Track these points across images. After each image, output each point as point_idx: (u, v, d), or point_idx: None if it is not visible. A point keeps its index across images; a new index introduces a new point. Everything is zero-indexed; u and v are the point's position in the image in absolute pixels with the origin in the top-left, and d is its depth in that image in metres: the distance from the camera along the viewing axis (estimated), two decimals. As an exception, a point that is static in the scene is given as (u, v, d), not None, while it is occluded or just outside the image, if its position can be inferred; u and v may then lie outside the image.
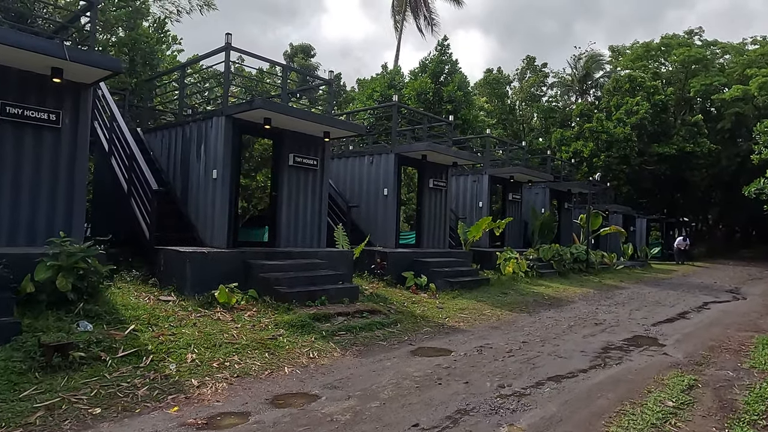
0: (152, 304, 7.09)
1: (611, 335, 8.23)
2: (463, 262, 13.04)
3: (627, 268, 21.22)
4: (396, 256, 11.70)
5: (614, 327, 8.95)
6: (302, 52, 36.80)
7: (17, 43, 6.01)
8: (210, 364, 5.46)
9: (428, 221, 13.67)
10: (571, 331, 8.43)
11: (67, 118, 7.20)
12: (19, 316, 5.50)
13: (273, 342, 6.36)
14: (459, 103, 20.75)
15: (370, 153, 13.30)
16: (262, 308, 7.64)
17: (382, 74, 23.03)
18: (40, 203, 6.97)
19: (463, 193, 16.87)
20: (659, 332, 8.63)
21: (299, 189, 10.33)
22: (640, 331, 8.65)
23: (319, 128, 9.99)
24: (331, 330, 7.15)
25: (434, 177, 13.74)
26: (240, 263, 8.46)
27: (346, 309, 8.03)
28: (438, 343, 7.30)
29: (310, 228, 10.54)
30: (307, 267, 9.05)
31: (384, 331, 7.65)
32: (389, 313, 8.58)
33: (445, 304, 10.09)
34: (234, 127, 9.17)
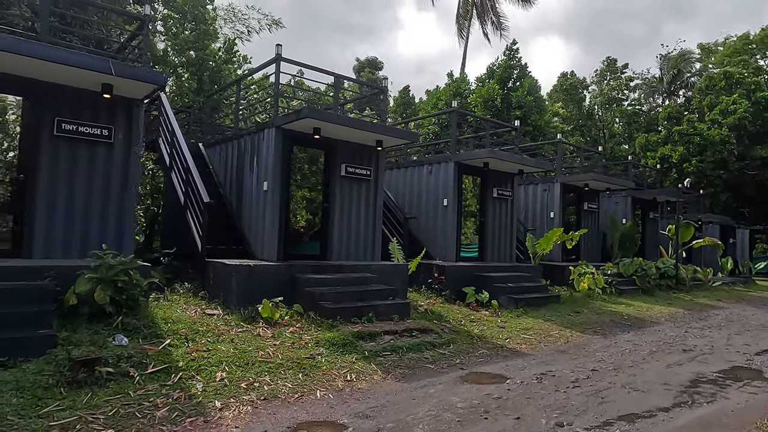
0: (196, 318, 6.99)
1: (702, 365, 7.05)
2: (531, 277, 12.07)
3: (725, 284, 18.90)
4: (455, 270, 11.02)
5: (707, 355, 7.70)
6: (370, 65, 37.14)
7: (68, 61, 6.17)
8: (238, 384, 5.15)
9: (492, 233, 12.86)
10: (653, 359, 7.33)
11: (120, 133, 7.36)
12: (60, 328, 5.53)
13: (310, 362, 5.97)
14: (529, 108, 19.68)
15: (429, 162, 12.76)
16: (306, 324, 7.31)
17: (447, 83, 22.47)
18: (92, 216, 7.13)
19: (533, 203, 15.81)
20: (765, 363, 7.29)
21: (352, 200, 10.01)
22: (740, 362, 7.35)
23: (371, 137, 9.64)
24: (375, 350, 6.65)
25: (498, 186, 12.93)
26: (287, 277, 8.22)
27: (394, 327, 7.51)
28: (493, 368, 6.56)
29: (364, 240, 10.17)
30: (356, 281, 8.65)
31: (434, 352, 7.03)
32: (442, 332, 7.94)
33: (507, 323, 9.27)
34: (284, 138, 9.03)
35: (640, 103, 38.51)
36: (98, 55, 7.08)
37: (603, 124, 37.47)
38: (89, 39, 11.37)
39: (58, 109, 6.87)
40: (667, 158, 29.85)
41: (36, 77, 6.66)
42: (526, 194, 15.99)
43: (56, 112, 6.85)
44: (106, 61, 6.35)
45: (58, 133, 6.85)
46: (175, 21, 15.85)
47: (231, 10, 20.38)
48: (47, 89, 6.79)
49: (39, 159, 6.76)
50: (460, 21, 29.26)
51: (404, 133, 10.04)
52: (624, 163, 20.80)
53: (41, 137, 6.78)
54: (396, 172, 13.69)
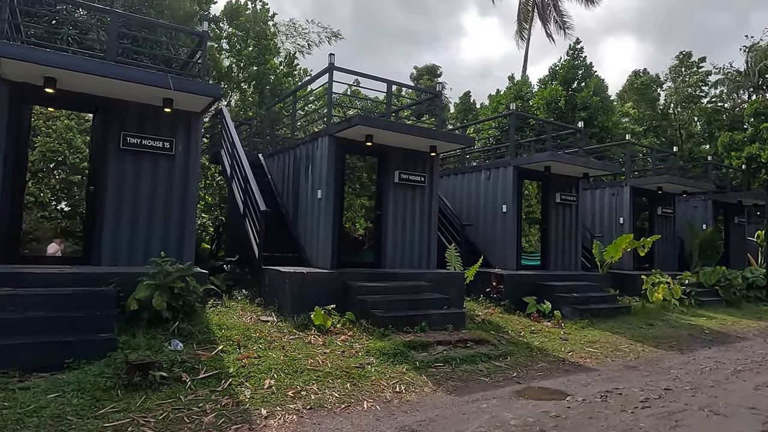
0: (250, 324, 7.09)
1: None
2: (598, 287, 11.35)
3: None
4: (515, 279, 10.56)
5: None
6: (428, 73, 36.98)
7: (131, 78, 6.52)
8: (286, 392, 5.13)
9: (555, 240, 12.25)
10: (738, 378, 6.59)
11: (180, 145, 7.67)
12: (120, 332, 5.77)
13: (359, 371, 5.86)
14: (595, 109, 18.73)
15: (487, 168, 12.39)
16: (357, 333, 7.23)
17: (508, 87, 21.89)
18: (155, 225, 7.45)
19: (600, 208, 14.94)
20: None
21: (406, 207, 9.88)
22: None
23: (424, 142, 9.48)
24: (427, 361, 6.44)
25: (561, 191, 12.33)
26: (340, 284, 8.20)
27: (448, 337, 7.26)
28: (552, 383, 6.15)
29: (418, 248, 9.99)
30: (410, 290, 8.48)
31: (489, 364, 6.71)
32: (499, 343, 7.59)
33: (571, 336, 8.73)
34: (337, 146, 9.07)
35: (722, 100, 35.69)
36: (162, 72, 7.40)
37: (679, 123, 35.04)
38: (158, 58, 12.06)
39: (123, 124, 7.27)
40: (755, 158, 27.39)
41: (104, 95, 7.09)
42: (592, 199, 15.15)
43: (122, 127, 7.25)
44: (165, 77, 6.63)
45: (124, 146, 7.24)
46: (238, 38, 16.52)
47: (292, 26, 21.07)
48: (114, 105, 7.21)
49: (107, 171, 7.17)
50: (520, 22, 28.50)
51: (459, 138, 9.80)
52: (703, 164, 19.27)
53: (109, 151, 7.19)
54: (453, 179, 13.41)
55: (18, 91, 6.61)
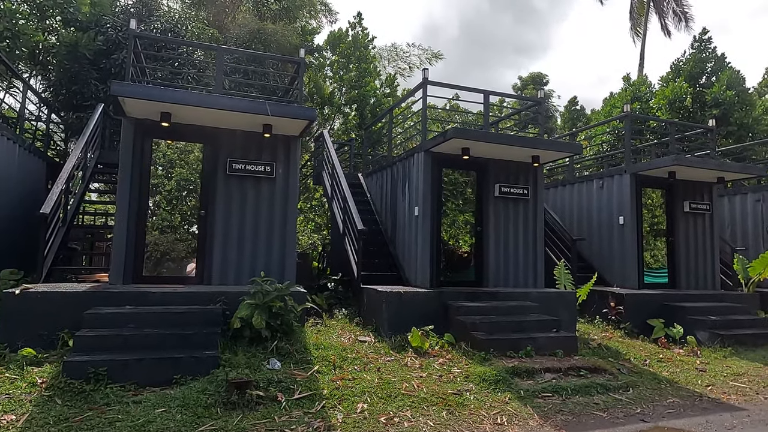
0: (347, 344, 7.04)
1: None
2: (742, 309, 9.73)
3: None
4: (637, 299, 9.43)
5: None
6: (533, 82, 35.52)
7: (231, 107, 6.91)
8: (378, 417, 4.92)
9: (685, 254, 10.82)
10: None
11: (280, 168, 7.97)
12: (224, 350, 5.99)
13: (457, 398, 5.49)
14: (730, 105, 16.51)
15: (599, 176, 11.37)
16: (456, 356, 6.84)
17: (623, 88, 20.17)
18: (259, 246, 7.77)
19: (742, 217, 12.96)
20: None
21: (508, 222, 9.34)
22: None
23: (525, 152, 8.92)
24: (533, 390, 5.87)
25: (691, 199, 10.90)
26: (438, 304, 7.88)
27: (557, 364, 6.59)
28: (687, 423, 5.26)
29: (523, 266, 9.36)
30: (513, 310, 7.90)
31: (606, 397, 5.94)
32: (619, 373, 6.73)
33: (709, 366, 7.53)
34: (433, 161, 8.86)
35: None
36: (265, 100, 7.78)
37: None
38: (267, 89, 12.86)
39: (230, 151, 7.73)
40: None
41: (212, 125, 7.60)
42: (731, 207, 13.22)
43: (228, 154, 7.71)
44: (263, 103, 6.93)
45: (230, 172, 7.68)
46: (340, 64, 17.13)
47: (393, 50, 21.49)
48: (221, 135, 7.69)
49: (215, 195, 7.64)
50: (634, 17, 26.22)
51: (563, 146, 9.07)
52: None
53: (217, 176, 7.66)
54: (562, 190, 12.51)
55: (140, 127, 7.33)
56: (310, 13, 17.46)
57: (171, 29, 12.44)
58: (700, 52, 18.60)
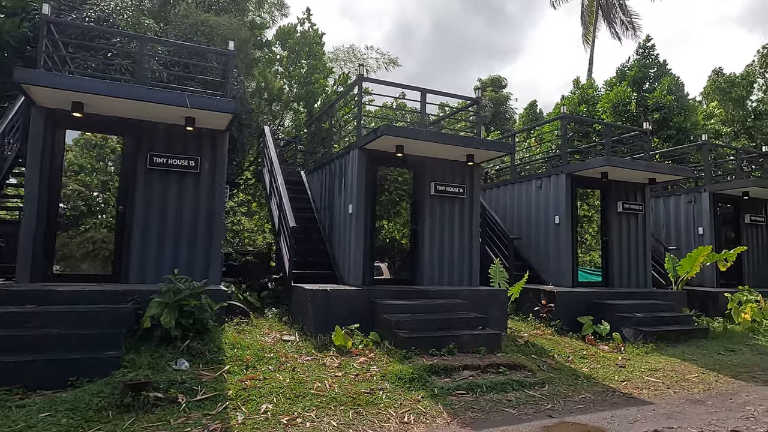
0: (268, 344, 6.88)
1: None
2: (668, 306, 10.05)
3: None
4: (567, 297, 9.61)
5: None
6: (492, 84, 36.05)
7: (148, 98, 6.65)
8: (280, 418, 4.79)
9: (618, 254, 11.09)
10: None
11: (206, 163, 7.73)
12: (131, 350, 5.74)
13: (368, 397, 5.41)
14: (670, 109, 17.09)
15: (537, 177, 11.55)
16: (379, 354, 6.78)
17: (572, 91, 20.65)
18: (182, 243, 7.51)
19: (675, 218, 13.42)
20: None
21: (444, 220, 9.35)
22: None
23: (460, 151, 8.95)
24: (448, 388, 5.85)
25: (624, 199, 11.18)
26: (367, 303, 7.80)
27: (478, 361, 6.61)
28: (592, 418, 5.33)
29: (458, 264, 9.40)
30: (442, 308, 7.91)
31: (521, 393, 5.98)
32: (538, 369, 6.80)
33: (629, 362, 7.71)
34: (368, 158, 8.78)
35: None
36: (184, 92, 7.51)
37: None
38: (209, 83, 12.50)
39: (151, 145, 7.44)
40: None
41: (131, 117, 7.30)
42: (666, 208, 13.67)
43: (150, 147, 7.42)
44: (182, 95, 6.70)
45: (151, 166, 7.39)
46: (290, 60, 16.89)
47: (351, 51, 21.36)
48: (142, 127, 7.40)
49: (135, 190, 7.34)
50: (585, 24, 26.94)
51: (496, 145, 9.15)
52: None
53: (137, 171, 7.36)
54: (504, 189, 12.66)
55: (51, 117, 6.96)
56: (261, 6, 17.15)
57: (105, 18, 11.94)
58: (644, 59, 19.22)
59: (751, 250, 13.13)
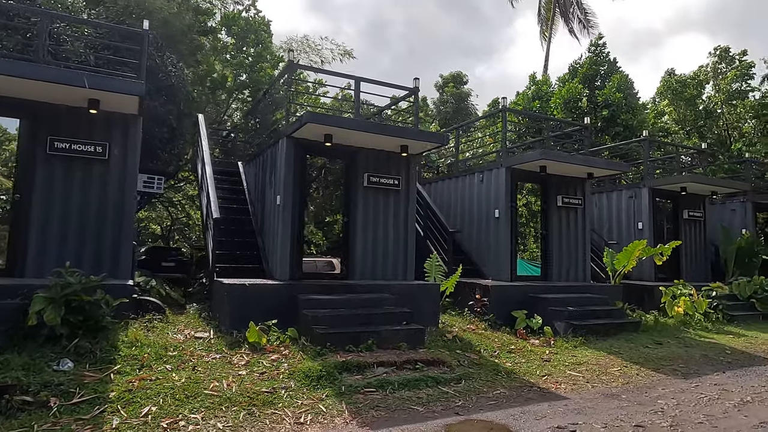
0: (179, 341, 6.48)
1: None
2: (603, 300, 10.07)
3: None
4: (502, 291, 9.50)
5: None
6: (453, 80, 36.04)
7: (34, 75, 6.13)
8: (161, 422, 4.43)
9: (558, 248, 11.07)
10: (739, 412, 5.36)
11: (115, 150, 7.25)
12: (10, 349, 5.26)
13: (267, 397, 5.10)
14: (618, 107, 17.31)
15: (480, 170, 11.42)
16: (294, 351, 6.47)
17: (527, 87, 20.74)
18: (88, 236, 7.02)
19: (617, 213, 13.56)
20: None
21: (378, 213, 9.09)
22: None
23: (394, 142, 8.70)
24: (358, 385, 5.59)
25: (564, 193, 11.17)
26: (289, 298, 7.47)
27: (395, 358, 6.38)
28: (500, 414, 5.16)
29: (393, 258, 9.15)
30: (368, 303, 7.65)
31: (434, 390, 5.77)
32: (458, 365, 6.62)
33: (556, 356, 7.63)
34: (296, 148, 8.43)
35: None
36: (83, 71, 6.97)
37: (727, 122, 32.37)
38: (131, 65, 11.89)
39: (52, 129, 6.90)
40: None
41: (29, 98, 6.75)
42: (609, 203, 13.80)
43: (50, 131, 6.89)
44: (79, 74, 6.21)
45: (52, 151, 6.86)
46: (236, 47, 16.33)
47: (305, 41, 20.86)
48: (41, 109, 6.86)
49: (34, 178, 6.80)
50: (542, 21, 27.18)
51: (431, 136, 8.93)
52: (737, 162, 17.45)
53: (36, 156, 6.83)
54: (448, 183, 12.51)
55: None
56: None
57: (26, -3, 11.18)
58: (596, 56, 19.42)
59: (688, 244, 13.38)
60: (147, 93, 12.08)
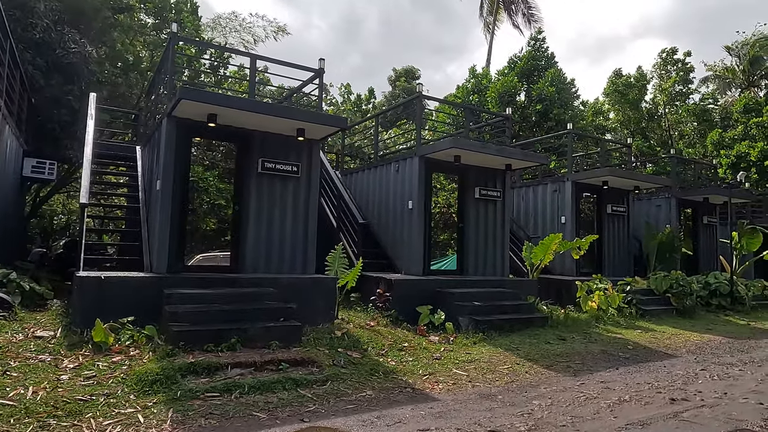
0: (11, 342, 5.68)
1: (687, 428, 4.65)
2: (513, 294, 9.74)
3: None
4: (407, 285, 9.04)
5: (705, 408, 5.22)
6: (406, 75, 35.67)
7: None
8: None
9: (475, 241, 10.71)
10: (611, 413, 5.01)
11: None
12: None
13: (77, 406, 4.41)
14: (551, 101, 17.19)
15: (396, 160, 10.94)
16: (144, 352, 5.77)
17: (467, 79, 20.45)
18: None
19: (543, 207, 13.37)
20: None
21: (274, 202, 8.45)
22: (754, 422, 4.84)
23: (290, 125, 8.09)
24: (199, 390, 4.95)
25: (482, 185, 10.82)
26: (155, 293, 6.73)
27: (258, 357, 5.77)
28: (351, 421, 4.63)
29: (291, 250, 8.54)
30: (246, 298, 7.01)
31: (291, 393, 5.19)
32: (331, 365, 6.06)
33: (449, 354, 7.20)
34: (178, 129, 7.71)
35: (714, 98, 33.88)
36: None
37: (669, 124, 33.22)
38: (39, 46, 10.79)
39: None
40: (745, 156, 25.67)
41: None
42: (535, 196, 13.60)
43: None
44: None
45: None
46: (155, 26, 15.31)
47: (235, 19, 19.86)
48: None
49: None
50: (485, 15, 27.05)
51: (327, 119, 8.35)
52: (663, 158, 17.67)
53: None
54: (367, 173, 11.99)
55: None
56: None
57: None
58: (535, 51, 19.31)
59: (612, 239, 13.32)
60: (39, 69, 11.30)
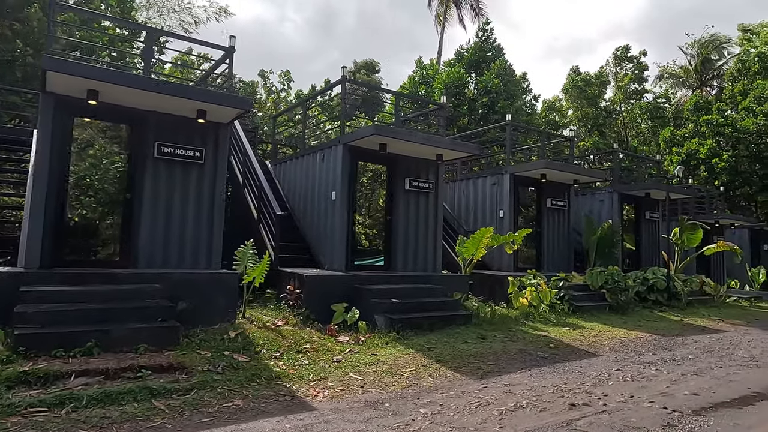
0: None
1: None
2: (440, 291, 9.25)
3: (747, 300, 15.22)
4: (321, 282, 8.44)
5: (603, 415, 4.80)
6: (365, 68, 35.04)
7: None
8: None
9: (404, 235, 10.20)
10: (500, 422, 4.52)
11: None
12: None
13: None
14: (497, 93, 16.85)
15: (321, 148, 10.31)
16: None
17: (414, 71, 19.96)
18: None
19: (482, 200, 12.97)
20: (699, 428, 4.36)
21: (173, 190, 7.74)
22: (653, 428, 4.43)
23: (189, 106, 7.41)
24: (24, 403, 4.23)
25: (413, 176, 10.31)
26: (13, 291, 5.92)
27: (115, 364, 5.08)
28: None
29: (193, 243, 7.83)
30: (119, 296, 6.27)
31: (142, 405, 4.51)
32: (204, 371, 5.40)
33: (356, 355, 6.65)
34: (55, 107, 6.90)
35: (667, 97, 34.49)
36: None
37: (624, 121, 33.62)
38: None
39: None
40: (694, 154, 26.09)
41: None
42: (475, 189, 13.19)
43: None
44: None
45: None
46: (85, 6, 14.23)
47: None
48: None
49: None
50: (435, 7, 26.63)
51: (227, 99, 7.58)
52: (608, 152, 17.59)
53: None
54: (294, 163, 11.36)
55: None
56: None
57: None
58: (483, 42, 18.95)
59: (551, 234, 13.04)
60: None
